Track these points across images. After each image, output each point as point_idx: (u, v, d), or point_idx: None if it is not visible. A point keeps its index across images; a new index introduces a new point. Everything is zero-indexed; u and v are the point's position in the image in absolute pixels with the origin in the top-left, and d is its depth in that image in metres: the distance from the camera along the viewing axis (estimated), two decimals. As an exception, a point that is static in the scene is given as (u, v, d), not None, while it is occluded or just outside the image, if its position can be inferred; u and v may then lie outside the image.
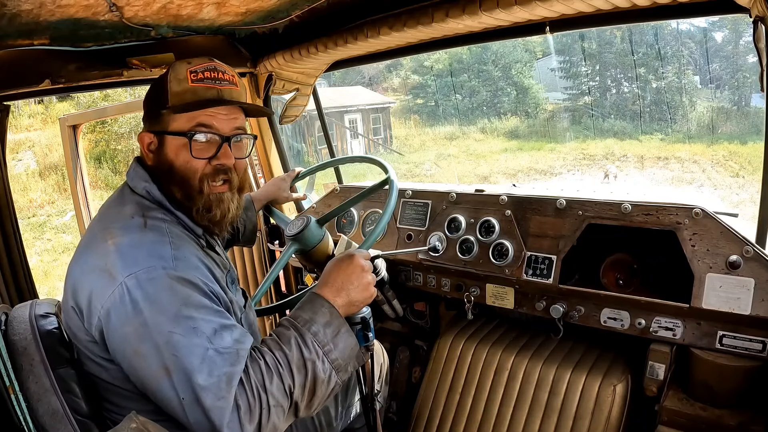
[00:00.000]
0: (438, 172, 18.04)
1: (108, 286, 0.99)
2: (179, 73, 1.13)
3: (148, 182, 1.15)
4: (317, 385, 1.03)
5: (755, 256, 1.35)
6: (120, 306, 0.98)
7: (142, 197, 1.14)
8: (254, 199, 1.90)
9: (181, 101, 1.12)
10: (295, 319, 1.07)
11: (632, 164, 17.28)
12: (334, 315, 1.09)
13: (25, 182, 13.70)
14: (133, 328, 0.97)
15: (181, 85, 1.12)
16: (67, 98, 15.52)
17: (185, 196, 1.15)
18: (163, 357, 0.95)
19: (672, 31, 19.84)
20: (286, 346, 1.02)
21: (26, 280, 1.92)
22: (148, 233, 1.06)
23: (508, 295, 1.79)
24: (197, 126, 1.13)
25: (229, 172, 1.17)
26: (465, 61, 23.29)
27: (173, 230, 1.10)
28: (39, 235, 11.69)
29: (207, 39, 1.92)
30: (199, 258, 1.10)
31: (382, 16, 1.65)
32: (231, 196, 1.19)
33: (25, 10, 1.28)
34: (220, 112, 1.15)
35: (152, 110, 1.17)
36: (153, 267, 1.00)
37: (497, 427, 1.83)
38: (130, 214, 1.09)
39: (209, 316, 1.00)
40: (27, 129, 15.75)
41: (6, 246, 1.85)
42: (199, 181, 1.14)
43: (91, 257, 1.05)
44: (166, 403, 0.97)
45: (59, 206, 13.17)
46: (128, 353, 0.99)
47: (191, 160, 1.13)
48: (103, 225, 1.10)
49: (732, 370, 1.40)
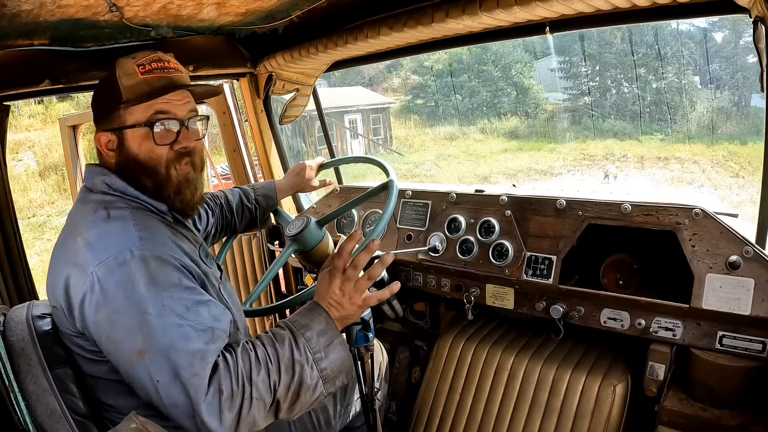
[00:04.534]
0: (438, 172, 18.04)
1: (80, 278, 1.01)
2: (127, 68, 1.15)
3: (106, 174, 1.17)
4: (302, 390, 1.03)
5: (755, 256, 1.34)
6: (91, 294, 0.99)
7: (102, 193, 1.15)
8: (278, 189, 1.91)
9: (135, 93, 1.14)
10: (292, 322, 1.09)
11: (632, 164, 17.28)
12: (330, 326, 1.09)
13: (25, 182, 13.71)
14: (106, 315, 0.99)
15: (132, 79, 1.14)
16: (67, 98, 15.53)
17: (155, 184, 1.17)
18: (137, 340, 0.96)
19: (672, 31, 19.84)
20: (278, 344, 1.04)
21: (26, 280, 1.92)
22: (112, 223, 1.08)
23: (508, 296, 1.79)
24: (155, 114, 1.15)
25: (191, 155, 1.21)
26: (465, 62, 23.29)
27: (137, 214, 1.12)
28: (39, 235, 11.69)
29: (207, 39, 1.92)
30: (167, 235, 1.13)
31: (382, 17, 1.65)
32: (195, 176, 1.23)
33: (25, 10, 1.28)
34: (175, 98, 1.18)
35: (104, 109, 1.19)
36: (121, 252, 1.01)
37: (497, 427, 1.83)
38: (93, 210, 1.11)
39: (181, 293, 1.02)
40: (27, 129, 15.76)
41: (6, 246, 1.85)
42: (165, 167, 1.18)
43: (63, 256, 1.07)
44: (143, 389, 0.98)
45: (59, 206, 13.18)
46: (104, 340, 1.00)
47: (155, 148, 1.16)
48: (71, 226, 1.12)
49: (732, 371, 1.40)
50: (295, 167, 1.98)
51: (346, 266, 1.14)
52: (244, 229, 1.86)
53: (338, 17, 1.73)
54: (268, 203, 1.88)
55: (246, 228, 1.87)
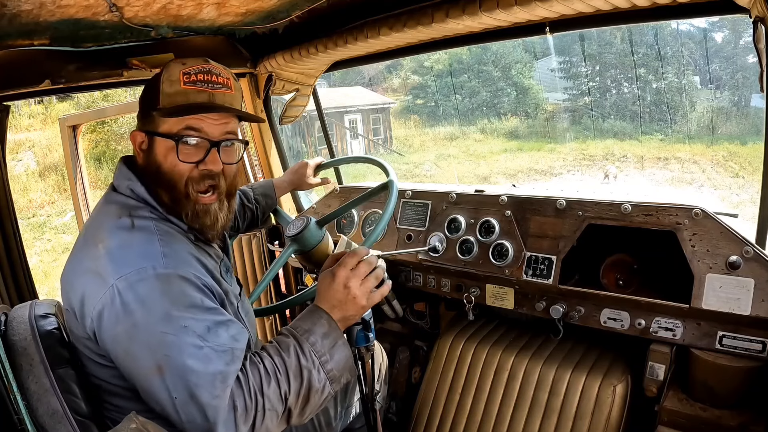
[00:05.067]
0: (438, 172, 18.04)
1: (99, 288, 0.99)
2: (172, 74, 1.11)
3: (132, 180, 1.14)
4: (311, 394, 1.04)
5: (755, 256, 1.34)
6: (111, 308, 0.98)
7: (127, 197, 1.13)
8: (276, 186, 1.92)
9: (171, 103, 1.10)
10: (294, 328, 1.08)
11: (632, 165, 17.29)
12: (332, 327, 1.09)
13: (25, 182, 13.70)
14: (124, 329, 0.98)
15: (173, 86, 1.10)
16: (67, 98, 15.52)
17: (172, 200, 1.13)
18: (156, 357, 0.96)
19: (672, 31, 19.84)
20: (285, 353, 1.04)
21: (26, 280, 1.92)
22: (136, 234, 1.06)
23: (508, 296, 1.79)
24: (186, 129, 1.10)
25: (216, 178, 1.15)
26: (465, 62, 23.29)
27: (161, 227, 1.10)
28: (39, 236, 11.69)
29: (207, 39, 1.92)
30: (190, 252, 1.10)
31: (382, 17, 1.65)
32: (219, 206, 1.17)
33: (25, 10, 1.28)
34: (210, 117, 1.12)
35: (144, 109, 1.16)
36: (143, 268, 1.00)
37: (497, 427, 1.83)
38: (117, 215, 1.09)
39: (202, 315, 1.01)
40: (27, 129, 15.76)
41: (6, 246, 1.85)
42: (185, 185, 1.12)
43: (83, 260, 1.06)
44: (159, 403, 0.97)
45: (59, 206, 13.17)
46: (120, 354, 1.00)
47: (178, 164, 1.11)
48: (94, 227, 1.10)
49: (732, 371, 1.40)
50: (295, 165, 2.00)
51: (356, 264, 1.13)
52: (245, 229, 1.87)
53: (338, 17, 1.73)
54: (268, 202, 1.89)
55: (247, 228, 1.88)
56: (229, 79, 1.15)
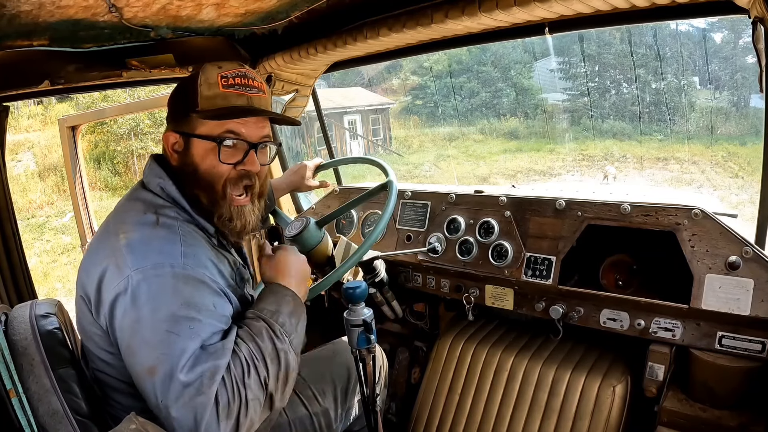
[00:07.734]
0: (437, 173, 18.04)
1: (116, 276, 1.01)
2: (210, 77, 1.13)
3: (163, 179, 1.16)
4: (289, 374, 1.06)
5: (754, 256, 1.35)
6: (123, 296, 0.99)
7: (155, 194, 1.15)
8: (275, 187, 1.92)
9: (212, 106, 1.12)
10: (261, 311, 1.09)
11: (631, 165, 17.28)
12: (297, 303, 1.14)
13: (24, 183, 13.69)
14: (129, 322, 0.99)
15: (212, 89, 1.12)
16: (66, 99, 15.51)
17: (210, 201, 1.16)
18: (153, 354, 0.96)
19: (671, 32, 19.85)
20: (258, 338, 1.04)
21: (25, 281, 1.92)
22: (159, 230, 1.07)
23: (508, 296, 1.79)
24: (226, 132, 1.14)
25: (252, 178, 1.19)
26: (464, 62, 23.29)
27: (185, 228, 1.11)
28: (38, 236, 11.68)
29: (206, 40, 1.91)
30: (209, 257, 1.11)
31: (381, 17, 1.65)
32: (252, 208, 1.21)
33: (24, 11, 1.28)
34: (250, 120, 1.16)
35: (179, 111, 1.17)
36: (161, 264, 1.01)
37: (497, 427, 1.83)
38: (143, 210, 1.11)
39: (210, 319, 1.01)
40: (26, 130, 15.74)
41: (5, 247, 1.85)
42: (222, 186, 1.16)
43: (103, 250, 1.07)
44: (148, 400, 0.98)
45: (58, 207, 13.16)
46: (123, 346, 1.01)
47: (218, 165, 1.14)
48: (117, 220, 1.12)
49: (732, 371, 1.41)
50: (294, 166, 1.99)
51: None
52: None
53: (337, 18, 1.73)
54: (267, 203, 1.87)
55: None
56: (262, 83, 1.19)
